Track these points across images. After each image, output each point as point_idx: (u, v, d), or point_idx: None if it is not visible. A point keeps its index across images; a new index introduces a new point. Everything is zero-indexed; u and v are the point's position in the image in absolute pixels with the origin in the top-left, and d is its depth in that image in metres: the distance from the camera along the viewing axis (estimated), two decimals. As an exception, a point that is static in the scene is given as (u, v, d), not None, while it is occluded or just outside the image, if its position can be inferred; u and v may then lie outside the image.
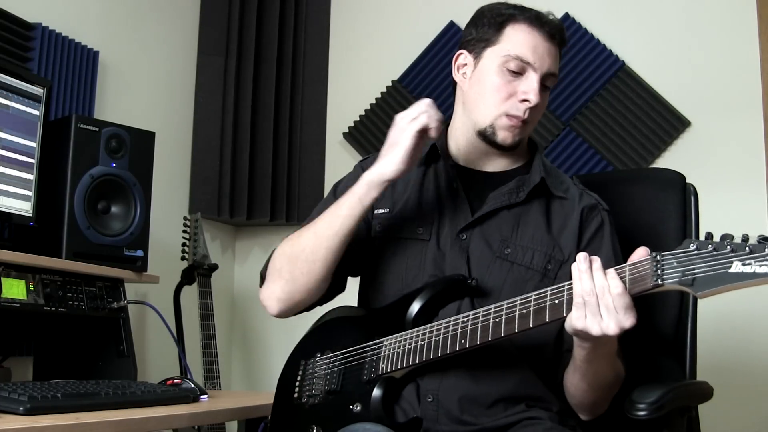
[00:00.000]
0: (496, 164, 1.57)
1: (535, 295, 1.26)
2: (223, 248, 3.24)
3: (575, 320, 1.20)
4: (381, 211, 1.58)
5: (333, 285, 1.56)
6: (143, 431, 1.51)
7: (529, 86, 1.46)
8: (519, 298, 1.28)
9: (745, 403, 2.53)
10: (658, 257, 1.13)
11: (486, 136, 1.51)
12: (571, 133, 2.88)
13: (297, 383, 1.55)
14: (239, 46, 3.08)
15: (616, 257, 1.47)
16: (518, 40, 1.47)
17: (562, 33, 1.52)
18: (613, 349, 1.32)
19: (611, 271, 1.19)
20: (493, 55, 1.49)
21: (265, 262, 1.61)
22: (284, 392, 1.58)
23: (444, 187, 1.55)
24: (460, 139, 1.58)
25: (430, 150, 1.58)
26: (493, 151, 1.53)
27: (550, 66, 1.48)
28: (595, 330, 1.18)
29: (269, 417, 1.66)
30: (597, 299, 1.18)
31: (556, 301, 1.23)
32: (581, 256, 1.21)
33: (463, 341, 1.32)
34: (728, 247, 1.06)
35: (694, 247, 1.09)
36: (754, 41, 2.70)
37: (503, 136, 1.49)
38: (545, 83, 1.49)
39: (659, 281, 1.12)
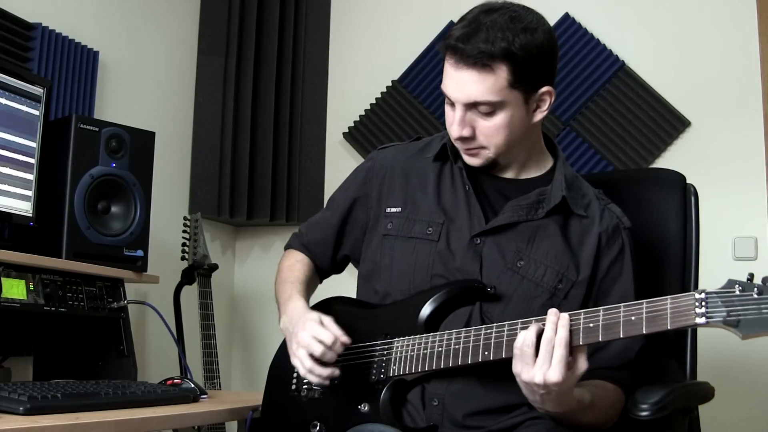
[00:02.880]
0: (513, 171, 1.53)
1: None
2: (223, 248, 3.24)
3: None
4: (392, 209, 1.56)
5: (332, 268, 1.72)
6: (143, 431, 1.51)
7: (451, 119, 1.44)
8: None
9: (746, 403, 2.53)
10: (703, 294, 1.13)
11: None
12: (571, 133, 2.88)
13: (294, 374, 1.53)
14: (239, 46, 3.08)
15: (635, 283, 1.47)
16: (444, 74, 1.45)
17: (479, 56, 1.35)
18: (571, 413, 1.31)
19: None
20: None
21: (287, 242, 1.77)
22: (279, 383, 1.55)
23: (459, 188, 1.52)
24: None
25: (443, 149, 1.56)
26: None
27: (469, 95, 1.38)
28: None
29: (260, 408, 1.64)
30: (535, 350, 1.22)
31: (591, 325, 1.22)
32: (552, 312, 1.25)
33: (486, 353, 1.31)
34: None
35: (739, 288, 1.11)
36: (754, 41, 2.70)
37: (467, 159, 1.49)
38: (480, 110, 1.40)
39: (705, 320, 1.13)
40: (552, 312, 1.24)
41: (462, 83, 1.39)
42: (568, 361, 1.21)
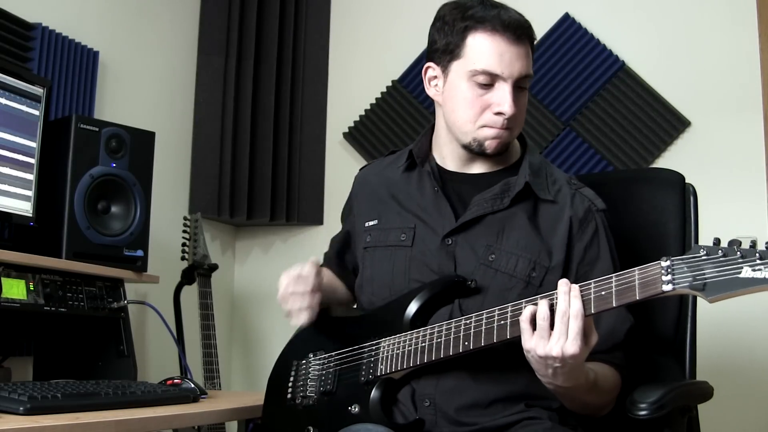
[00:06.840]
0: (483, 166, 1.55)
1: (541, 297, 1.26)
2: (223, 248, 3.24)
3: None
4: (370, 223, 1.60)
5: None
6: (143, 431, 1.51)
7: (502, 98, 1.42)
8: (524, 300, 1.28)
9: (745, 403, 2.53)
10: (669, 261, 1.13)
11: (472, 149, 1.49)
12: (571, 133, 2.88)
13: (290, 384, 1.55)
14: (239, 46, 3.08)
15: (613, 261, 1.47)
16: (482, 52, 1.41)
17: (528, 30, 1.45)
18: (579, 388, 1.32)
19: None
20: (459, 69, 1.45)
21: None
22: (276, 393, 1.58)
23: (428, 191, 1.54)
24: (444, 148, 1.57)
25: (409, 156, 1.59)
26: (481, 157, 1.53)
27: (521, 69, 1.43)
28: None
29: (260, 418, 1.67)
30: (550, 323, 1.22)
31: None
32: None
33: (466, 343, 1.32)
34: (738, 253, 1.07)
35: (704, 252, 1.10)
36: (754, 41, 2.69)
37: (490, 145, 1.47)
38: (520, 85, 1.45)
39: (672, 286, 1.12)
40: (563, 282, 1.23)
41: (518, 57, 1.42)
42: (583, 333, 1.21)
